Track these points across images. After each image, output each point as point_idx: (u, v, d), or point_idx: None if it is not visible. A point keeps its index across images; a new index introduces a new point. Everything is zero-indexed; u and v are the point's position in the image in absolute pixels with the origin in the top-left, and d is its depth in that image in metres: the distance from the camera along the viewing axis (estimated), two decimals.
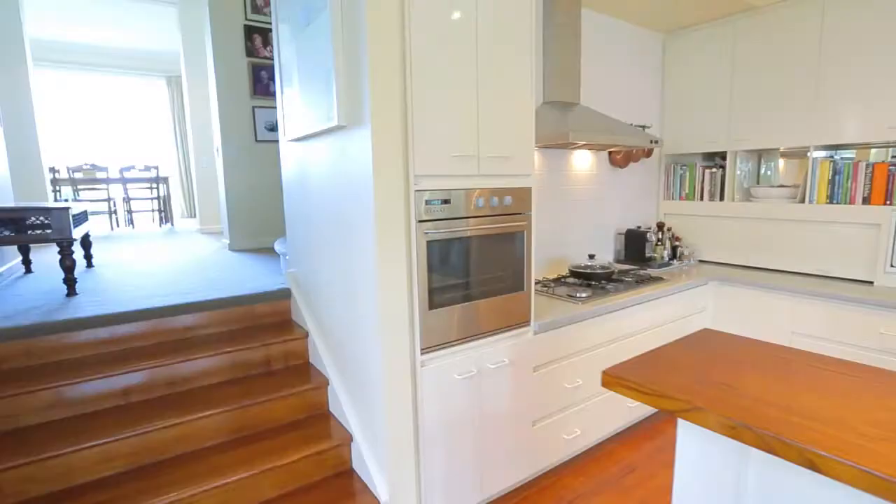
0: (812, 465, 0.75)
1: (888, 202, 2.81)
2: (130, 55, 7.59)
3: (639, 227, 3.63)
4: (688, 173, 3.76)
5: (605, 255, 3.60)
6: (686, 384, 1.01)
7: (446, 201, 1.86)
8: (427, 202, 1.81)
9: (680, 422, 1.19)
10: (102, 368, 2.02)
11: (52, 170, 6.27)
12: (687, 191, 3.78)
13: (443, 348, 1.93)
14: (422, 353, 1.87)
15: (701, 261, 3.71)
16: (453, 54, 1.79)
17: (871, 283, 2.87)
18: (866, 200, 2.90)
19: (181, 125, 7.92)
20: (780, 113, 3.18)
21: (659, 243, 3.61)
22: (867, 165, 2.88)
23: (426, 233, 1.81)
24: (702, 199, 3.68)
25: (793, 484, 1.02)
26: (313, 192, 2.26)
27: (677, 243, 3.67)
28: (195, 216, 7.03)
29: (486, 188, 1.96)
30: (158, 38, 6.75)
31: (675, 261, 3.59)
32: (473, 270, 1.98)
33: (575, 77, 3.02)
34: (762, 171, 3.72)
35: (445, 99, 1.79)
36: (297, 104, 2.21)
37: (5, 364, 2.03)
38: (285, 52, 2.31)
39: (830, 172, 3.03)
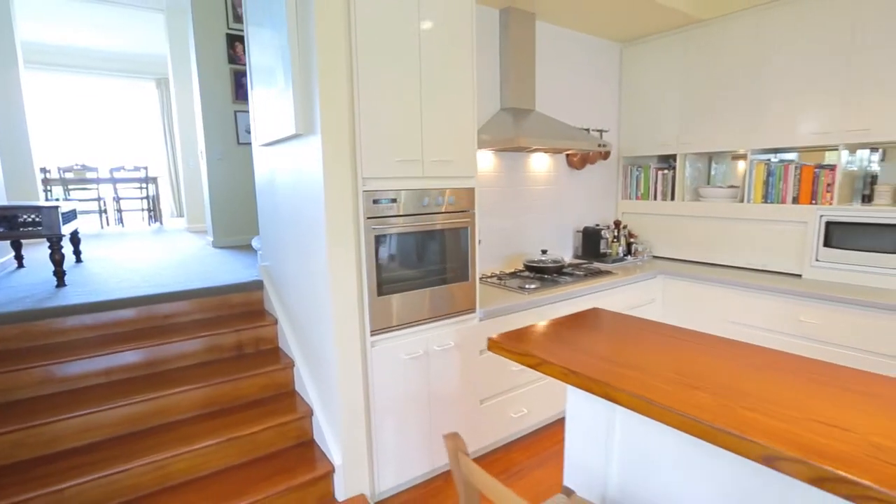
0: (609, 397, 0.99)
1: (813, 202, 3.07)
2: (120, 58, 7.78)
3: (597, 226, 3.87)
4: (643, 174, 4.01)
5: (565, 251, 3.85)
6: (549, 346, 1.25)
7: (393, 200, 2.09)
8: (374, 201, 2.05)
9: (567, 386, 1.43)
10: (88, 350, 2.25)
11: (43, 170, 6.46)
12: (642, 191, 4.04)
13: (391, 331, 2.16)
14: (371, 335, 2.11)
15: (655, 256, 3.96)
16: (397, 69, 2.03)
17: (800, 275, 3.13)
18: (795, 200, 3.16)
19: (170, 126, 8.12)
20: (722, 119, 3.43)
21: (615, 240, 3.86)
22: (796, 168, 3.14)
23: (374, 228, 2.05)
24: (655, 198, 3.93)
25: (641, 427, 1.27)
26: (280, 193, 2.50)
27: (632, 240, 3.93)
28: (183, 215, 7.23)
29: (430, 189, 2.20)
30: (148, 41, 6.95)
31: (629, 256, 3.85)
32: (419, 262, 2.22)
33: (530, 86, 3.27)
34: (713, 172, 3.98)
35: (390, 109, 2.03)
36: (266, 112, 2.45)
37: (0, 345, 2.25)
38: (255, 64, 2.54)
39: (765, 174, 3.29)
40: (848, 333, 2.63)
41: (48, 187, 6.60)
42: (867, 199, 3.09)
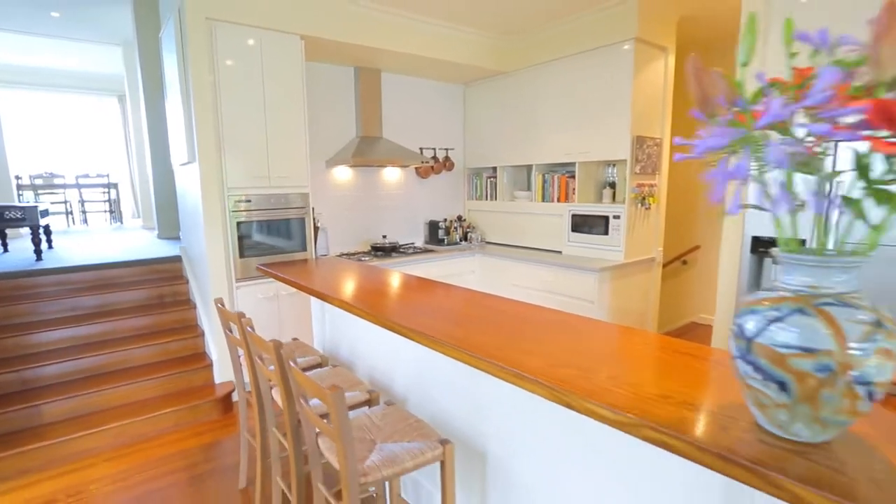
0: (322, 297, 2.33)
1: (566, 200, 4.54)
2: (86, 77, 8.92)
3: (445, 220, 5.28)
4: (478, 181, 5.45)
5: (417, 238, 5.25)
6: (302, 275, 2.62)
7: (248, 200, 3.46)
8: (236, 201, 3.40)
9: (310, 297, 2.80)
10: (60, 296, 3.55)
11: (17, 177, 7.59)
12: (478, 193, 5.48)
13: (251, 280, 3.52)
14: (237, 282, 3.46)
15: (488, 242, 5.39)
16: (250, 117, 3.39)
17: (561, 252, 4.59)
18: (559, 199, 4.62)
19: (129, 139, 9.29)
20: (519, 141, 4.88)
21: (454, 230, 5.28)
22: (557, 177, 4.60)
23: (236, 217, 3.41)
24: (487, 199, 5.37)
25: (341, 316, 2.65)
26: (187, 197, 3.83)
27: (468, 230, 5.36)
28: (140, 216, 8.42)
29: (275, 193, 3.57)
30: (110, 64, 8.12)
31: (464, 242, 5.27)
32: (271, 238, 3.58)
33: (377, 119, 4.65)
34: (532, 179, 5.42)
35: (246, 144, 3.39)
36: (175, 142, 3.78)
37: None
38: (169, 99, 3.87)
39: (542, 181, 4.75)
40: (568, 286, 4.07)
41: (20, 192, 7.73)
42: (602, 199, 4.56)
